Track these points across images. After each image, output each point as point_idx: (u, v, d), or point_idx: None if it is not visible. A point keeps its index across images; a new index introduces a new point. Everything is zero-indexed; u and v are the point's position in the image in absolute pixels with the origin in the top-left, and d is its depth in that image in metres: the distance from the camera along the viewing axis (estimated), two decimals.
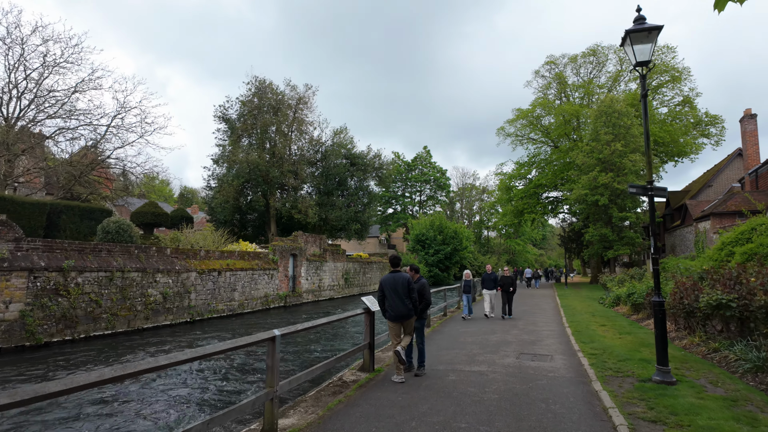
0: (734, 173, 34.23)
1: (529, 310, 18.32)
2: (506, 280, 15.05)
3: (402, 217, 73.76)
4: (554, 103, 42.41)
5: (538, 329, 12.71)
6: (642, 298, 14.17)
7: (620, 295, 17.74)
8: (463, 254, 59.81)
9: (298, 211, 28.95)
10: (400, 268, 7.40)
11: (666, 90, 39.53)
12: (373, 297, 8.47)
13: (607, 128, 30.42)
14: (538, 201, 44.93)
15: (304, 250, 25.49)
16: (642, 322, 13.54)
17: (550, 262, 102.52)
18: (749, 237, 17.77)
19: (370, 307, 7.90)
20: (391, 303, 7.04)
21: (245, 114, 31.99)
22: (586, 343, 10.11)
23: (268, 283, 22.04)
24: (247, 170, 28.06)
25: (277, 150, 28.64)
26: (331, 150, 31.87)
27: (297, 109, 31.08)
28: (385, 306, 7.18)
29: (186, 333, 15.37)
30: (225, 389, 9.20)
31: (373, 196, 35.25)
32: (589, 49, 42.39)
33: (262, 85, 32.16)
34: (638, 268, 22.08)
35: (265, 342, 4.90)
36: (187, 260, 17.40)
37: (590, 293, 27.63)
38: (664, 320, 6.66)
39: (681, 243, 29.48)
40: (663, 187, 6.95)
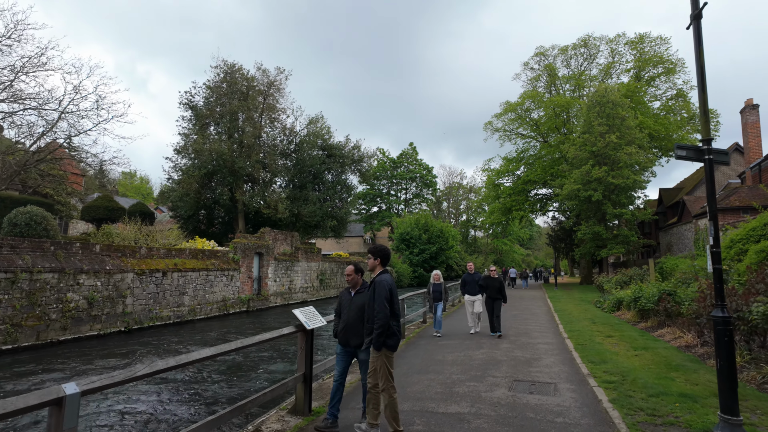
0: (731, 169, 32.66)
1: (520, 315, 16.21)
2: (492, 283, 11.42)
3: (387, 215, 71.54)
4: (544, 96, 40.55)
5: (534, 342, 10.51)
6: (652, 303, 12.09)
7: (622, 298, 15.70)
8: (449, 254, 57.81)
9: (267, 206, 26.36)
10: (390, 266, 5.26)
11: (659, 82, 37.98)
12: (314, 308, 6.16)
13: (600, 119, 28.55)
14: (526, 198, 43.07)
15: (271, 248, 23.01)
16: (653, 332, 11.47)
17: (537, 262, 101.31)
18: (763, 233, 15.87)
19: (304, 324, 5.57)
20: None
21: (212, 101, 29.36)
22: (597, 363, 7.92)
23: (227, 286, 19.54)
24: (210, 160, 25.45)
25: (245, 139, 26.01)
26: (305, 140, 29.32)
27: (268, 94, 28.47)
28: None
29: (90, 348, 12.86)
30: None
31: (351, 190, 32.78)
32: (581, 40, 40.68)
33: (231, 69, 29.55)
34: (638, 268, 20.13)
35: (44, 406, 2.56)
36: (123, 259, 14.84)
37: (583, 295, 25.70)
38: (732, 348, 4.44)
39: (678, 241, 27.73)
40: (723, 149, 4.76)
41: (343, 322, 5.07)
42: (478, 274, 11.80)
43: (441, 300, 11.51)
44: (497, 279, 11.53)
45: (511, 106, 41.14)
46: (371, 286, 4.65)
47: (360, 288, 5.13)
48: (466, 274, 11.92)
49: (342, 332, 5.05)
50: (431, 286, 11.70)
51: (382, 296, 4.50)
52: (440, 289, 11.60)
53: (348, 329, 4.97)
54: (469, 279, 11.71)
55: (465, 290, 11.74)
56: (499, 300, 11.28)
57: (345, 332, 5.01)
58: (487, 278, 11.58)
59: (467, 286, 11.68)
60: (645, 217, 28.79)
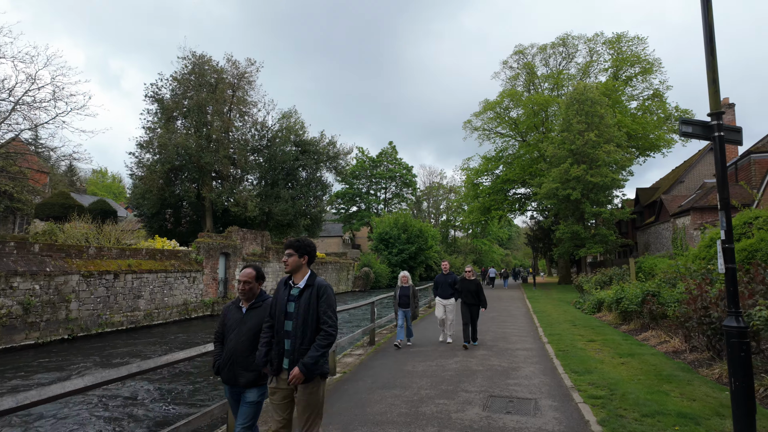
0: (706, 168, 32.88)
1: (498, 317, 15.49)
2: (467, 286, 9.89)
3: (366, 215, 70.58)
4: (523, 95, 40.26)
5: (512, 347, 9.72)
6: (635, 304, 11.47)
7: (603, 299, 15.13)
8: (428, 254, 57.17)
9: (235, 204, 25.02)
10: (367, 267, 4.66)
11: (636, 82, 38.09)
12: None
13: (579, 117, 28.22)
14: (505, 198, 42.76)
15: (239, 248, 21.79)
16: (636, 335, 10.84)
17: (515, 262, 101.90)
18: (744, 232, 15.50)
19: None
20: None
21: (180, 93, 27.88)
22: (581, 373, 7.14)
23: (188, 288, 18.26)
24: (175, 155, 23.99)
25: (213, 133, 24.60)
26: (277, 135, 28.01)
27: (238, 87, 27.10)
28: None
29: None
30: None
31: (326, 187, 31.61)
32: (559, 39, 40.57)
33: (200, 61, 28.11)
34: (618, 268, 19.70)
35: None
36: (67, 260, 13.49)
37: (562, 295, 25.27)
38: (750, 365, 3.66)
39: (656, 241, 27.61)
40: (737, 127, 3.98)
41: (228, 351, 3.55)
42: (453, 274, 10.44)
43: (408, 306, 9.97)
44: (474, 281, 9.94)
45: (490, 105, 40.74)
46: (309, 291, 3.38)
47: (256, 301, 3.67)
48: (440, 275, 10.53)
49: (228, 366, 3.53)
50: (398, 290, 10.09)
51: (333, 304, 3.43)
52: (408, 293, 10.01)
53: (236, 361, 3.50)
54: (442, 280, 10.33)
55: (437, 293, 10.34)
56: (476, 306, 9.80)
57: (232, 366, 3.51)
58: (462, 281, 10.01)
59: (439, 289, 10.29)
60: (623, 216, 28.62)
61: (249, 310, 3.65)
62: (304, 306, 3.33)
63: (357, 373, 7.74)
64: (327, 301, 3.38)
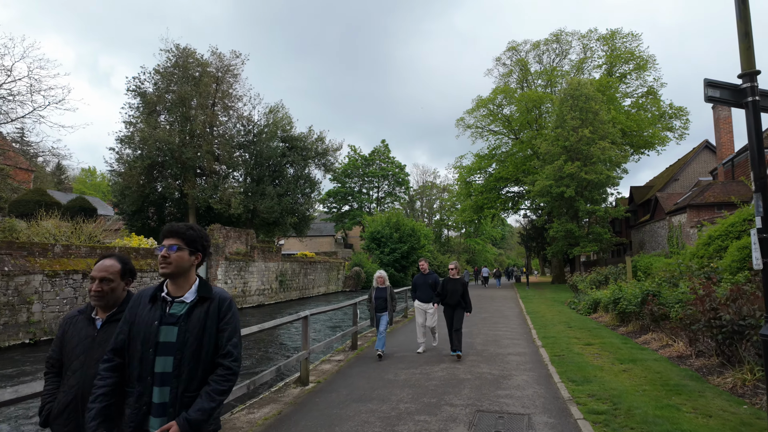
0: (701, 166, 32.49)
1: (490, 318, 14.81)
2: (451, 287, 8.55)
3: (358, 214, 69.76)
4: (516, 92, 39.70)
5: (503, 352, 9.01)
6: (634, 305, 10.81)
7: (599, 299, 14.49)
8: (420, 253, 56.39)
9: (219, 201, 24.10)
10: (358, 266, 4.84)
11: (630, 80, 37.67)
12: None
13: (573, 113, 27.64)
14: (498, 196, 42.21)
15: (222, 247, 20.91)
16: (636, 338, 10.18)
17: (509, 261, 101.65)
18: (744, 229, 14.93)
19: None
20: None
21: (162, 87, 26.95)
22: (579, 383, 6.44)
23: None
24: (156, 150, 23.04)
25: (196, 127, 23.65)
26: (263, 130, 27.10)
27: (222, 80, 26.17)
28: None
29: None
30: None
31: (315, 184, 30.70)
32: (553, 35, 40.05)
33: (183, 54, 27.18)
34: (614, 267, 19.11)
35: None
36: (29, 258, 12.60)
37: (555, 295, 24.66)
38: None
39: (651, 239, 27.10)
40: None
41: (69, 390, 2.27)
42: (433, 274, 9.23)
43: (386, 310, 8.90)
44: (459, 281, 8.62)
45: (483, 102, 40.14)
46: (203, 308, 2.18)
47: (118, 310, 2.41)
48: (418, 275, 9.25)
49: (67, 413, 2.24)
50: (373, 292, 9.01)
51: (239, 326, 2.29)
52: (384, 295, 8.94)
53: (83, 406, 2.19)
54: (421, 281, 9.08)
55: (416, 295, 9.13)
56: (460, 309, 8.53)
57: (74, 413, 2.24)
58: (447, 281, 8.67)
59: (418, 291, 9.07)
60: (618, 214, 28.10)
61: (107, 324, 2.37)
62: (195, 331, 2.12)
63: (332, 383, 6.99)
64: (233, 323, 2.22)
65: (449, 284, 8.62)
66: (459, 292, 8.55)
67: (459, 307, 8.52)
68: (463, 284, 8.63)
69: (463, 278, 8.82)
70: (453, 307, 8.54)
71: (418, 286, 9.11)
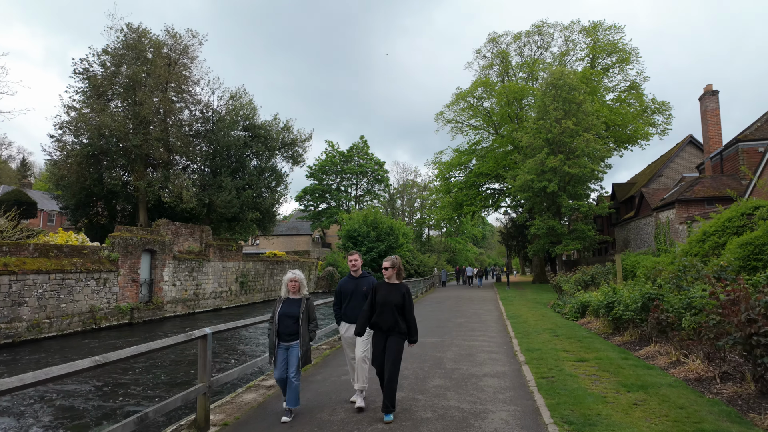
0: (685, 162, 31.54)
1: (466, 324, 13.06)
2: (384, 296, 5.15)
3: (336, 212, 67.66)
4: (497, 84, 38.26)
5: (478, 372, 7.19)
6: (633, 311, 9.15)
7: (588, 303, 12.86)
8: (399, 252, 54.66)
9: (169, 193, 21.71)
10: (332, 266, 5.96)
11: (613, 74, 36.61)
12: None
13: (556, 103, 26.20)
14: (478, 193, 40.75)
15: (169, 245, 18.66)
16: (635, 350, 8.52)
17: (489, 260, 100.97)
18: (743, 224, 13.50)
19: None
20: None
21: (112, 69, 24.42)
22: (579, 427, 4.63)
23: (96, 292, 15.10)
24: (97, 136, 20.59)
25: (143, 112, 21.20)
26: (224, 118, 24.73)
27: (176, 61, 23.75)
28: None
29: None
30: None
31: (281, 177, 28.41)
32: (534, 27, 38.75)
33: (136, 33, 24.68)
34: (601, 266, 17.60)
35: None
36: None
37: (537, 296, 23.16)
38: None
39: (636, 237, 25.85)
40: None
41: None
42: (369, 277, 5.82)
43: (297, 337, 5.14)
44: (397, 289, 5.19)
45: (463, 94, 38.64)
46: None
47: None
48: (345, 279, 5.94)
49: None
50: (279, 306, 5.30)
51: None
52: (297, 311, 5.21)
53: None
54: (351, 287, 5.74)
55: (341, 311, 5.79)
56: (396, 337, 5.07)
57: None
58: (378, 287, 5.28)
59: (345, 303, 5.73)
60: (602, 211, 26.80)
61: None
62: None
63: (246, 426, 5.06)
64: None
65: (381, 293, 5.16)
66: (395, 306, 5.04)
67: (394, 333, 5.03)
68: (404, 294, 5.13)
69: (405, 285, 5.29)
70: (385, 332, 5.06)
71: (346, 295, 5.72)
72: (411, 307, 5.18)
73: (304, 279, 5.43)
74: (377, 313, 5.11)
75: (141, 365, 11.12)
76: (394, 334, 5.07)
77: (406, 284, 5.35)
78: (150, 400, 8.48)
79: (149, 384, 9.83)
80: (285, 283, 5.37)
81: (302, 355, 5.12)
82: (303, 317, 5.21)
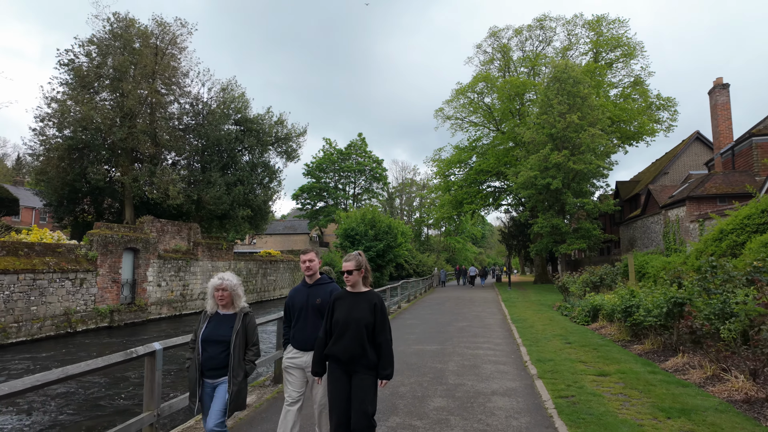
0: (692, 159, 30.61)
1: (468, 329, 12.12)
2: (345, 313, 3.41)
3: (333, 211, 66.69)
4: (498, 79, 37.29)
5: (485, 389, 6.23)
6: (655, 317, 8.18)
7: (600, 305, 11.91)
8: (398, 251, 53.54)
9: (156, 188, 20.64)
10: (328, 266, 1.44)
11: (617, 69, 35.68)
12: None
13: (560, 97, 25.24)
14: (478, 190, 39.78)
15: (153, 243, 17.67)
16: (661, 362, 7.58)
17: (489, 260, 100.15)
18: (765, 221, 12.57)
19: None
20: None
21: (99, 60, 23.39)
22: None
23: (72, 293, 14.12)
24: (79, 129, 19.57)
25: (128, 103, 20.17)
26: (214, 111, 23.65)
27: (164, 52, 22.70)
28: None
29: None
30: None
31: (274, 173, 27.34)
32: (536, 21, 37.80)
33: (122, 22, 23.64)
34: (610, 266, 16.66)
35: None
36: None
37: (541, 297, 22.24)
38: None
39: (643, 236, 24.91)
40: None
41: None
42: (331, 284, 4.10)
43: (225, 372, 3.60)
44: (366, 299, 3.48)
45: (463, 89, 37.69)
46: None
47: None
48: (298, 287, 4.16)
49: None
50: (203, 324, 3.71)
51: None
52: (228, 334, 3.64)
53: None
54: (298, 300, 4.03)
55: (289, 334, 4.10)
56: (364, 374, 3.34)
57: None
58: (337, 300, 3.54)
59: (295, 323, 4.03)
60: (608, 208, 25.84)
61: None
62: None
63: None
64: None
65: (341, 308, 3.46)
66: (362, 327, 3.35)
67: (360, 367, 3.34)
68: (374, 307, 3.44)
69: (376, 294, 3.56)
70: (345, 365, 3.37)
71: (294, 310, 4.03)
72: (385, 325, 3.41)
73: (239, 285, 3.77)
74: (335, 337, 3.36)
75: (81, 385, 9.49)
76: (360, 370, 3.30)
77: (377, 293, 3.61)
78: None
79: (86, 410, 8.22)
80: (210, 293, 3.72)
81: (231, 398, 3.49)
82: (236, 342, 3.58)
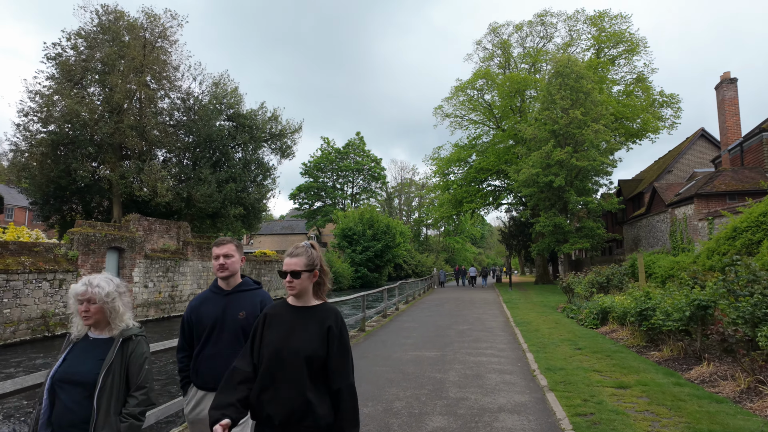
0: (696, 157, 29.93)
1: (470, 332, 11.39)
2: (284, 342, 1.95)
3: (331, 210, 65.94)
4: (498, 76, 36.60)
5: (490, 405, 5.49)
6: (676, 321, 7.45)
7: (610, 308, 11.18)
8: (396, 251, 52.95)
9: (144, 186, 19.86)
10: None
11: (619, 65, 35.01)
12: None
13: (563, 92, 24.53)
14: (478, 189, 39.06)
15: (140, 242, 16.92)
16: (683, 371, 6.86)
17: (488, 260, 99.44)
18: None
19: None
20: None
21: (87, 54, 22.65)
22: None
23: (50, 295, 13.36)
24: (64, 123, 18.81)
25: (115, 97, 19.40)
26: (206, 106, 22.88)
27: (152, 44, 21.92)
28: None
29: None
30: None
31: (268, 170, 26.54)
32: (537, 16, 37.17)
33: (110, 15, 22.89)
34: (617, 265, 15.95)
35: None
36: None
37: (543, 298, 21.53)
38: None
39: (648, 235, 24.20)
40: None
41: None
42: (254, 292, 2.73)
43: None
44: (315, 317, 2.02)
45: (462, 86, 37.00)
46: None
47: None
48: (204, 292, 2.75)
49: None
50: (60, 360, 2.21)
51: None
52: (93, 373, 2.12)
53: None
54: (207, 314, 2.63)
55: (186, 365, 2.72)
56: None
57: None
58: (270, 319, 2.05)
59: (197, 348, 2.64)
60: (612, 207, 25.12)
61: None
62: None
63: None
64: None
65: (275, 329, 2.02)
66: (306, 363, 1.93)
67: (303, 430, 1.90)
68: (328, 331, 2.00)
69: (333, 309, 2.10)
70: (282, 427, 1.88)
71: (201, 328, 2.65)
72: (346, 361, 2.03)
73: (119, 295, 2.28)
74: (262, 381, 1.95)
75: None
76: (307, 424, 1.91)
77: (335, 309, 2.14)
78: None
79: None
80: (73, 307, 2.26)
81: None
82: (106, 384, 2.13)
